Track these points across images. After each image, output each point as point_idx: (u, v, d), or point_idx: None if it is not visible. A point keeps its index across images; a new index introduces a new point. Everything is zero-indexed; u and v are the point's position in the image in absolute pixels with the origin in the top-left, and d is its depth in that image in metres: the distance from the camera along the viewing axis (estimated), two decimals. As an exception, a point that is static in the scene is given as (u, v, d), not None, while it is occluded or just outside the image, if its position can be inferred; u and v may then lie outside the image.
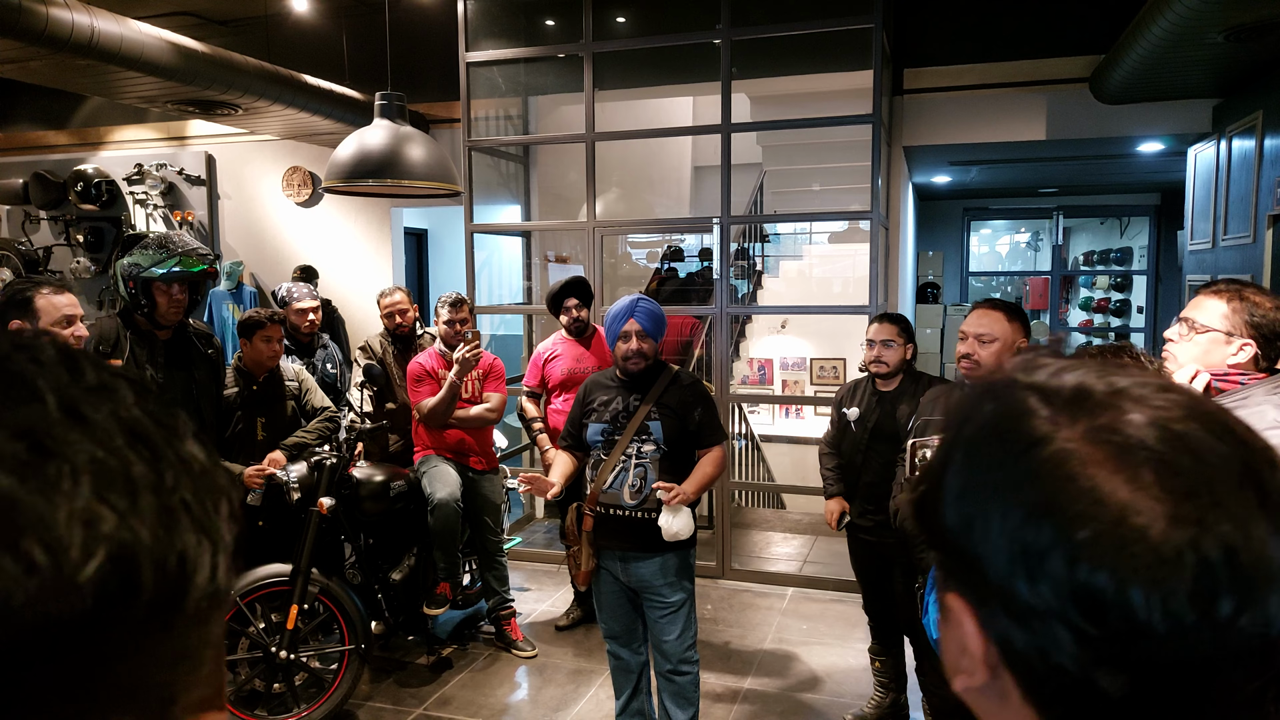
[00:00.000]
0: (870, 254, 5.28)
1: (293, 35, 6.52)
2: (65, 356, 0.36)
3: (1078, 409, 0.49)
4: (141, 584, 0.32)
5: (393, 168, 4.13)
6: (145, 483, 0.33)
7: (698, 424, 3.14)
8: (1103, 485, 0.45)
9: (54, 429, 0.32)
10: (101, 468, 0.32)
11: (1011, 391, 0.52)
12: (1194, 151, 5.63)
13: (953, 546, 0.51)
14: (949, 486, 0.52)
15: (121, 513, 0.32)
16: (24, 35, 4.03)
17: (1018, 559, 0.47)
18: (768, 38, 5.36)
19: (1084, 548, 0.44)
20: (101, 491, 0.32)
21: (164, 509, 0.34)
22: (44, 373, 0.34)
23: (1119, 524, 0.44)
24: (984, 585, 0.49)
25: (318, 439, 3.96)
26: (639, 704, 3.30)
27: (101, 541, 0.31)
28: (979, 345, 2.83)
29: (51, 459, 0.31)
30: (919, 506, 0.56)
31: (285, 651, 3.49)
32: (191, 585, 0.34)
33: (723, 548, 5.38)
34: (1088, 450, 0.47)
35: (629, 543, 3.09)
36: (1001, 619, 0.48)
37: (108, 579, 0.31)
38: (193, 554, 0.34)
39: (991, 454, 0.50)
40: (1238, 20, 3.77)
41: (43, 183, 7.12)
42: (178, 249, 3.34)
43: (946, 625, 0.54)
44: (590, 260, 5.65)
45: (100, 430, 0.33)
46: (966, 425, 0.53)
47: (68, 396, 0.34)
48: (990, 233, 13.05)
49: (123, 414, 0.35)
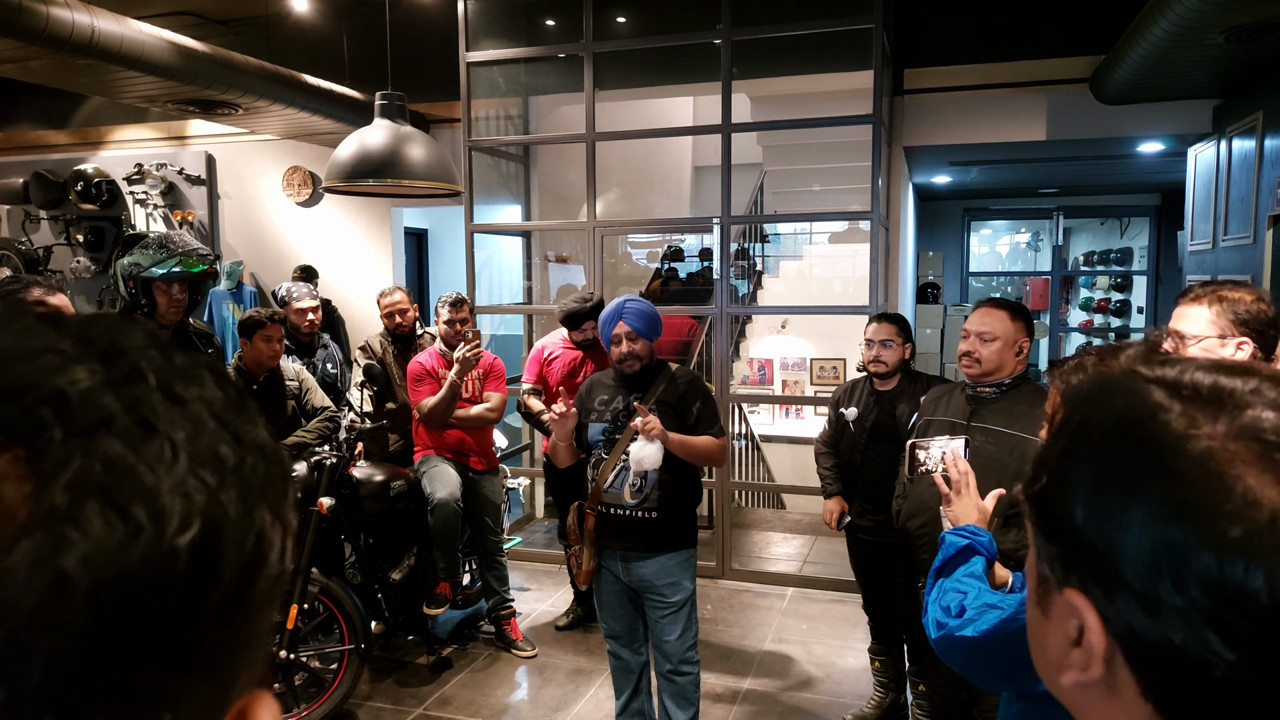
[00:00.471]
0: (870, 254, 5.28)
1: (293, 35, 6.52)
2: (152, 339, 0.37)
3: (1215, 407, 0.49)
4: (225, 558, 0.34)
5: (393, 168, 4.13)
6: (230, 463, 0.35)
7: (696, 418, 3.14)
8: (1253, 484, 0.45)
9: (157, 405, 0.34)
10: (194, 446, 0.34)
11: (1138, 385, 0.53)
12: (1194, 152, 5.63)
13: (1080, 541, 0.51)
14: (1078, 480, 0.52)
15: (212, 489, 0.34)
16: (24, 35, 4.03)
17: (1162, 556, 0.47)
18: (768, 38, 5.36)
19: (1237, 546, 0.44)
20: (196, 468, 0.34)
21: (245, 489, 0.35)
22: (143, 353, 0.36)
23: (1273, 523, 0.44)
24: (1115, 581, 0.49)
25: (318, 439, 3.96)
26: (639, 704, 3.30)
27: (197, 513, 0.33)
28: (980, 343, 2.83)
29: (155, 433, 0.33)
30: (1039, 500, 0.56)
31: (285, 651, 3.49)
32: (266, 563, 0.36)
33: (723, 548, 5.38)
34: (1235, 448, 0.47)
35: (630, 542, 3.09)
36: (1133, 615, 0.48)
37: (199, 549, 0.33)
38: (268, 534, 0.36)
39: (1128, 449, 0.50)
40: (1238, 21, 3.77)
41: (43, 182, 7.12)
42: (178, 249, 3.34)
43: (1048, 621, 0.55)
44: (590, 260, 5.65)
45: (192, 410, 0.35)
46: (1094, 418, 0.53)
47: (164, 376, 0.36)
48: (990, 233, 13.05)
49: (209, 397, 0.37)
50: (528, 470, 6.22)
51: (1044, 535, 0.55)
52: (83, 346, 0.35)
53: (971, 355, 2.85)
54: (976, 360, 2.84)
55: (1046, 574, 0.55)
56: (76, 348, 0.35)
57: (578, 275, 7.47)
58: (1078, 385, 0.56)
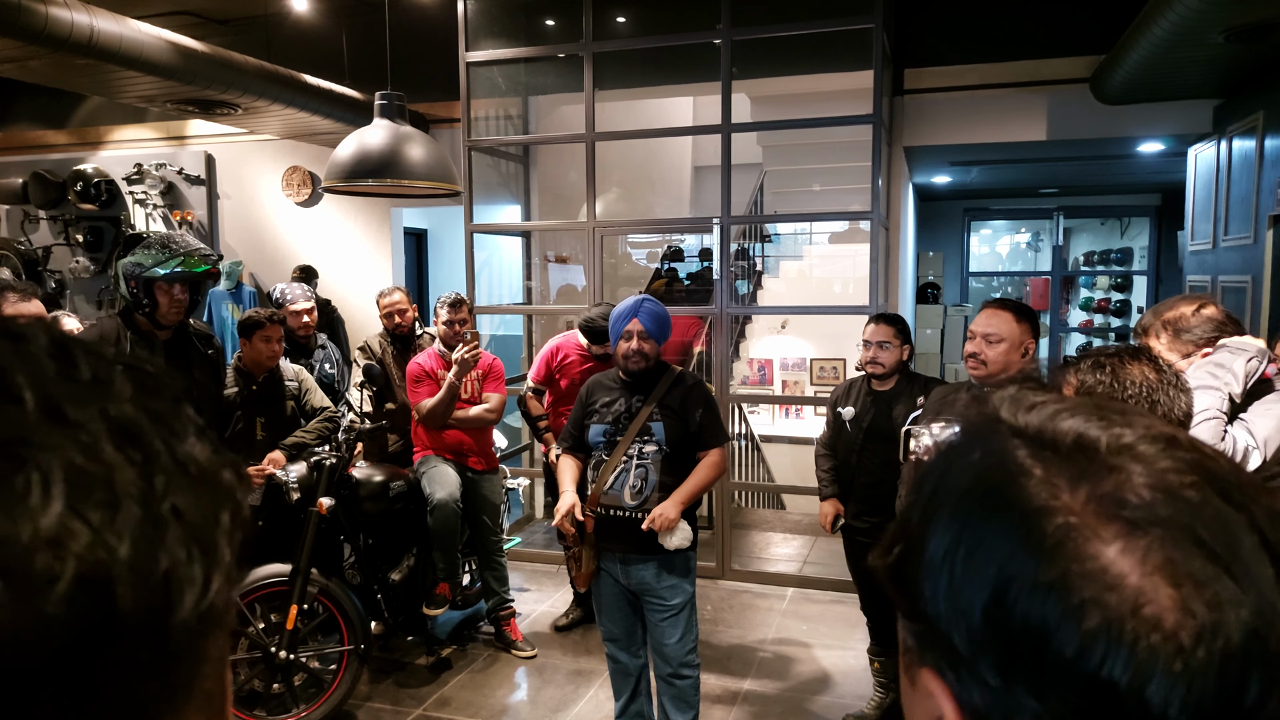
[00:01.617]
0: (870, 254, 5.28)
1: (293, 35, 6.52)
2: (58, 347, 0.33)
3: (1078, 470, 0.45)
4: (118, 607, 0.29)
5: (393, 168, 4.12)
6: (130, 491, 0.31)
7: (699, 425, 3.13)
8: (1112, 568, 0.41)
9: (30, 433, 0.30)
10: (79, 476, 0.30)
11: (1000, 441, 0.48)
12: (1194, 152, 5.62)
13: (932, 617, 0.46)
14: (931, 550, 0.47)
15: (96, 528, 0.29)
16: (23, 34, 4.03)
17: (1015, 640, 0.42)
18: (768, 38, 5.36)
19: (1094, 637, 0.41)
20: (76, 504, 0.29)
21: (150, 520, 0.31)
22: (27, 367, 0.31)
23: (1134, 612, 0.41)
24: (970, 670, 0.44)
25: (317, 439, 3.96)
26: (638, 706, 3.29)
27: (71, 561, 0.28)
28: (986, 345, 2.83)
29: (22, 468, 0.29)
30: (894, 570, 0.51)
31: (284, 652, 3.48)
32: (179, 605, 0.31)
33: (723, 548, 5.38)
34: (1093, 524, 0.43)
35: (629, 545, 3.08)
36: (984, 700, 0.44)
37: (77, 601, 0.28)
38: (181, 571, 0.32)
39: (982, 521, 0.45)
40: (1238, 21, 3.76)
41: (42, 182, 7.11)
42: (180, 249, 3.33)
43: (915, 693, 0.49)
44: (590, 260, 5.64)
45: (84, 432, 0.31)
46: (950, 479, 0.48)
47: (50, 394, 0.31)
48: (990, 233, 13.04)
49: (113, 411, 0.32)
50: (527, 470, 6.21)
51: (901, 609, 0.50)
52: None
53: (978, 357, 2.84)
54: (983, 362, 2.83)
55: (910, 645, 0.50)
56: None
57: (577, 275, 7.47)
58: (942, 442, 0.51)
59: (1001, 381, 1.61)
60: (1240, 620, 0.40)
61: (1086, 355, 1.64)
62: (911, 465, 2.58)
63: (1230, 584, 0.41)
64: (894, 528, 0.52)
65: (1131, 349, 1.61)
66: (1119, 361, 1.54)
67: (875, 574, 0.53)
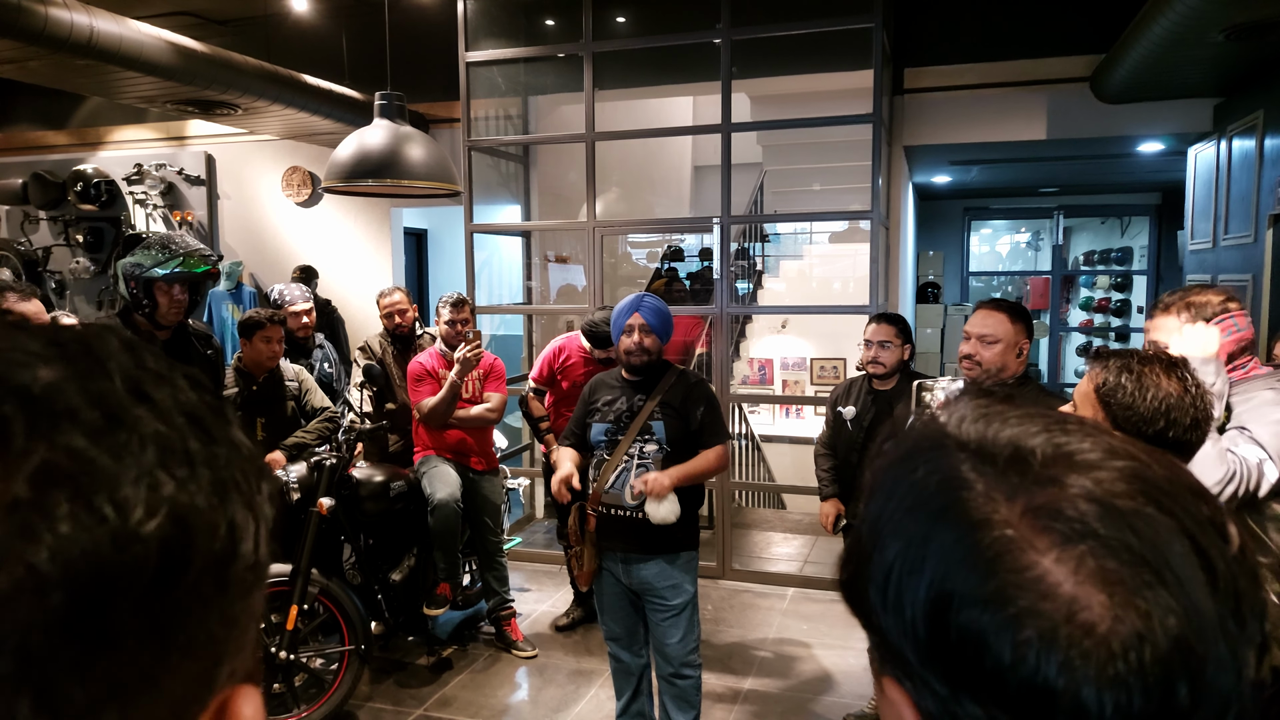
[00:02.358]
0: (870, 254, 5.28)
1: (292, 35, 6.52)
2: (126, 344, 0.39)
3: (1015, 481, 0.46)
4: (197, 545, 0.35)
5: (392, 168, 4.12)
6: (201, 458, 0.37)
7: (700, 423, 3.13)
8: (1046, 577, 0.43)
9: (123, 401, 0.36)
10: (164, 440, 0.36)
11: (943, 454, 0.49)
12: (1194, 151, 5.62)
13: (884, 630, 0.48)
14: (877, 566, 0.48)
15: (181, 480, 0.35)
16: (23, 35, 4.03)
17: (957, 651, 0.44)
18: (768, 37, 5.36)
19: (1030, 645, 0.42)
20: (164, 460, 0.35)
21: (217, 482, 0.37)
22: (112, 354, 0.37)
23: (1068, 620, 0.42)
24: (922, 680, 0.46)
25: (317, 439, 3.95)
26: (639, 706, 3.29)
27: (164, 502, 0.34)
28: (981, 346, 2.83)
29: (121, 427, 0.35)
30: (848, 586, 0.52)
31: (285, 652, 3.48)
32: (240, 552, 0.37)
33: (723, 548, 5.38)
34: (1029, 536, 0.44)
35: (631, 544, 3.08)
36: (936, 708, 0.46)
37: (168, 536, 0.34)
38: (241, 524, 0.38)
39: (924, 535, 0.47)
40: (1238, 19, 3.76)
41: (42, 183, 7.11)
42: (180, 249, 3.33)
43: (884, 703, 0.51)
44: (590, 260, 5.64)
45: (161, 409, 0.37)
46: (895, 494, 0.50)
47: (133, 375, 0.37)
48: (990, 232, 13.04)
49: (180, 398, 0.38)
50: (528, 470, 6.21)
51: (860, 623, 0.52)
52: (51, 348, 0.36)
53: (973, 358, 2.84)
54: (978, 363, 2.83)
55: (875, 654, 0.52)
56: (44, 349, 0.36)
57: (578, 275, 7.47)
58: (887, 455, 0.53)
59: (1163, 357, 1.60)
60: (1167, 627, 0.42)
61: (1117, 354, 1.63)
62: (924, 417, 2.57)
63: (1161, 591, 0.43)
64: (849, 542, 0.54)
65: (1167, 360, 1.59)
66: (1147, 370, 1.53)
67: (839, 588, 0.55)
